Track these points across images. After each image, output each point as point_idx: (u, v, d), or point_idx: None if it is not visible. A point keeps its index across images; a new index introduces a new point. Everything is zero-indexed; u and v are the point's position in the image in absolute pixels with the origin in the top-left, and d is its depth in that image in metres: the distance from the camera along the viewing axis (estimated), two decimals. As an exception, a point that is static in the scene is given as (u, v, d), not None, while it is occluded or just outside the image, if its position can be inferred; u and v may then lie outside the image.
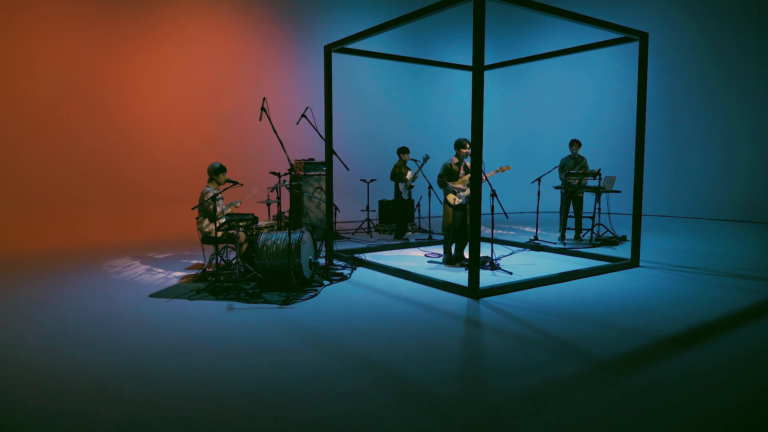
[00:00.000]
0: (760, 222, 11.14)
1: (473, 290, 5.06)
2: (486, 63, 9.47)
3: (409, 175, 8.97)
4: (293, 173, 6.67)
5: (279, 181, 8.11)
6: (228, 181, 5.81)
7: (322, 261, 6.72)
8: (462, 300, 5.02)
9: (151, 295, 5.21)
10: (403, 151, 9.04)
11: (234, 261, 6.18)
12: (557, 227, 9.48)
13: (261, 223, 5.99)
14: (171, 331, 4.13)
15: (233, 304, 4.86)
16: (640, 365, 3.40)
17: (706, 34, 12.11)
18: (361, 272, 6.30)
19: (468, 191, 6.60)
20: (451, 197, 6.58)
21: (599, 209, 8.55)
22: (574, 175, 8.45)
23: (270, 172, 8.21)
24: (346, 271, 6.26)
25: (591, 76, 14.01)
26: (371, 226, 9.85)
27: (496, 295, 5.18)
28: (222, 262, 6.13)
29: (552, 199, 11.11)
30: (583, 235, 8.85)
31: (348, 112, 11.90)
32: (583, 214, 8.89)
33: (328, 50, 7.09)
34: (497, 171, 6.73)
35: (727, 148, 11.93)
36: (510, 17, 14.49)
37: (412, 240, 8.78)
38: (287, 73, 11.82)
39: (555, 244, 8.34)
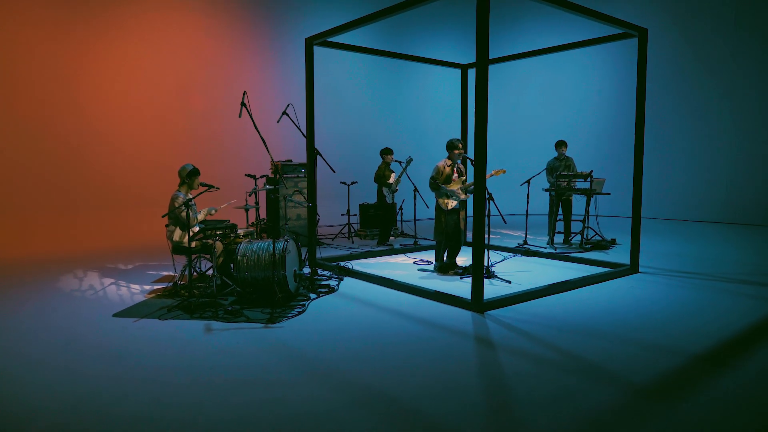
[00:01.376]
0: (740, 224, 11.13)
1: (477, 303, 4.64)
2: (469, 61, 9.12)
3: (392, 178, 8.50)
4: (276, 175, 6.13)
5: (255, 184, 7.56)
6: (202, 184, 5.23)
7: (306, 270, 6.20)
8: (465, 314, 4.58)
9: (116, 314, 4.60)
10: (386, 152, 8.57)
11: (209, 272, 5.61)
12: (542, 230, 9.19)
13: (239, 231, 5.43)
14: (140, 359, 3.55)
15: (211, 323, 4.30)
16: (682, 391, 3.03)
17: (687, 35, 12.08)
18: (349, 283, 5.80)
19: (463, 195, 6.20)
20: (444, 201, 6.15)
21: (589, 212, 8.29)
22: (565, 177, 8.16)
23: (245, 175, 7.62)
24: (332, 282, 5.75)
25: (569, 77, 13.86)
26: (352, 231, 9.36)
27: (501, 308, 4.77)
28: (195, 273, 5.55)
29: (535, 202, 10.83)
30: (571, 239, 8.58)
31: (325, 110, 11.36)
32: (573, 217, 8.61)
33: (310, 43, 6.58)
34: (491, 174, 6.33)
35: (707, 150, 11.91)
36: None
37: (397, 246, 8.33)
38: (262, 68, 11.21)
39: (545, 248, 8.03)
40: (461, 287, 5.59)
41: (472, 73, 8.45)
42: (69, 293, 5.39)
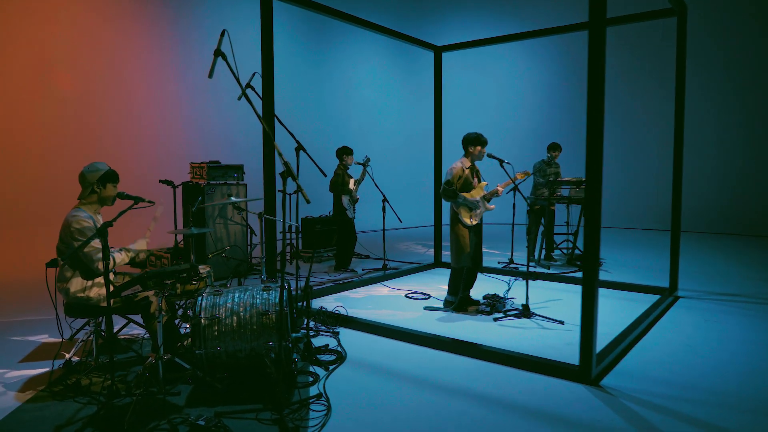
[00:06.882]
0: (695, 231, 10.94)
1: (588, 370, 3.09)
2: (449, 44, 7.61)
3: (352, 184, 6.69)
4: (202, 182, 4.07)
5: (172, 193, 5.37)
6: (122, 196, 3.06)
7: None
8: (578, 390, 3.01)
9: (-40, 457, 2.33)
10: (345, 152, 6.70)
11: (139, 335, 3.43)
12: (518, 244, 7.98)
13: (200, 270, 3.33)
14: None
15: (176, 462, 2.25)
16: None
17: (614, 44, 11.77)
18: (351, 339, 3.94)
19: (488, 206, 4.67)
20: (465, 214, 4.56)
21: (580, 223, 7.25)
22: (559, 184, 7.05)
23: (160, 181, 5.37)
24: (330, 341, 3.86)
25: (498, 74, 13.10)
26: (291, 249, 7.39)
27: (610, 373, 3.28)
28: (100, 339, 3.33)
29: (506, 212, 9.70)
30: (552, 253, 7.46)
31: (255, 98, 9.18)
32: (558, 230, 7.52)
33: (267, -7, 4.63)
34: (515, 179, 4.88)
35: (637, 156, 11.75)
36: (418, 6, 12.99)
37: (360, 271, 6.55)
38: (151, 35, 8.67)
39: (534, 267, 6.81)
40: (508, 334, 4.05)
41: (447, 57, 7.02)
42: None
